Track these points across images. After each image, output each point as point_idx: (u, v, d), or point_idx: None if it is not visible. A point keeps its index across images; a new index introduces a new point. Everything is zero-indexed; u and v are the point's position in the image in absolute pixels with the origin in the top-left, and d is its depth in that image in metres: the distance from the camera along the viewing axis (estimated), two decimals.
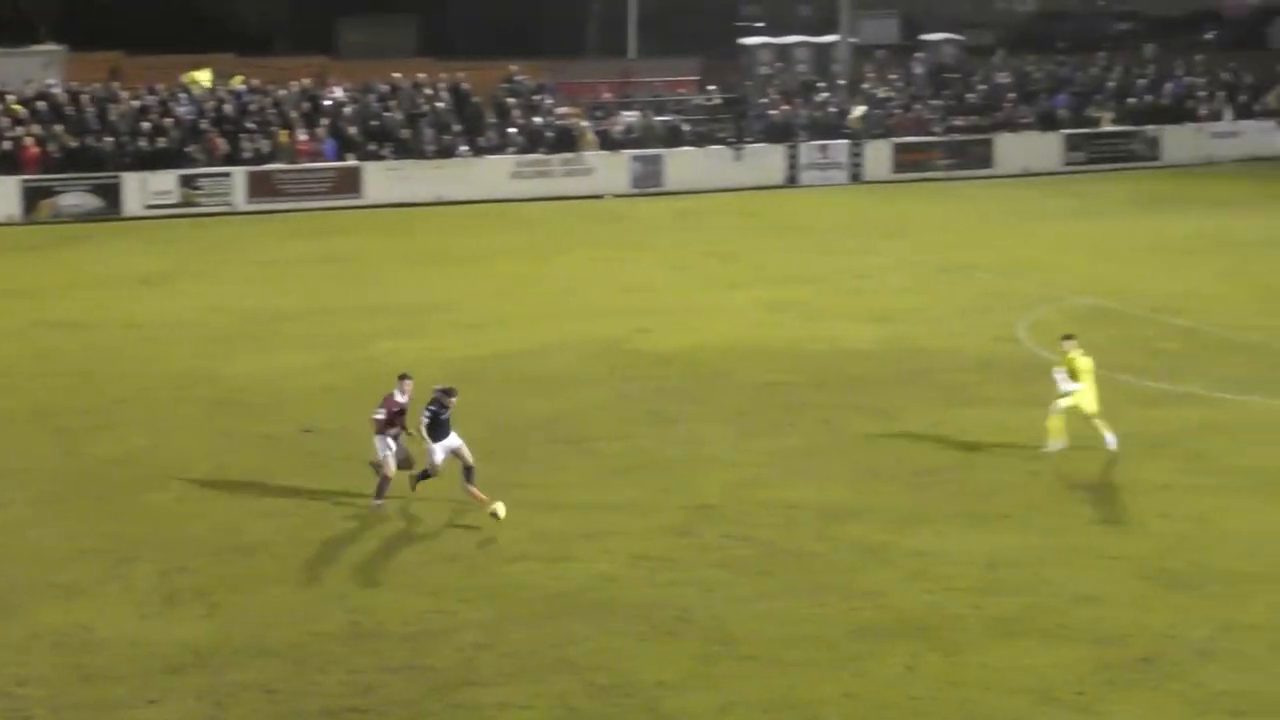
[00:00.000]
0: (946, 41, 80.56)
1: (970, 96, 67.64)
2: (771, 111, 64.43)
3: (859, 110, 64.73)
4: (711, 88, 65.68)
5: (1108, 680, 19.62)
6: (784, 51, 73.75)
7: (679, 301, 41.75)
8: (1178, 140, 67.00)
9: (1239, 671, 19.79)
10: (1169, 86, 69.26)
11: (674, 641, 20.98)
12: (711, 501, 25.76)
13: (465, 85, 62.42)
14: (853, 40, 72.88)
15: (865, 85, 67.57)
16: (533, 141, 60.87)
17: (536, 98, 63.04)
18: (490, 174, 59.67)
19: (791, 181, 62.59)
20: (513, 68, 64.17)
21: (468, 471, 25.54)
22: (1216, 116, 68.09)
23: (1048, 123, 66.37)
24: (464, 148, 60.05)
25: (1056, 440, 28.08)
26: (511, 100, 62.33)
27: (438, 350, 36.50)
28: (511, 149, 60.53)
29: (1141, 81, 69.58)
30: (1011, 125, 66.09)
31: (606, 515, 25.23)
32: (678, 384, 33.47)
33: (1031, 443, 28.13)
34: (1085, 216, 54.78)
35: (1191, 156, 66.62)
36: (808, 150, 63.02)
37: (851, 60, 71.21)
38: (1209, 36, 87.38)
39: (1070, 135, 66.14)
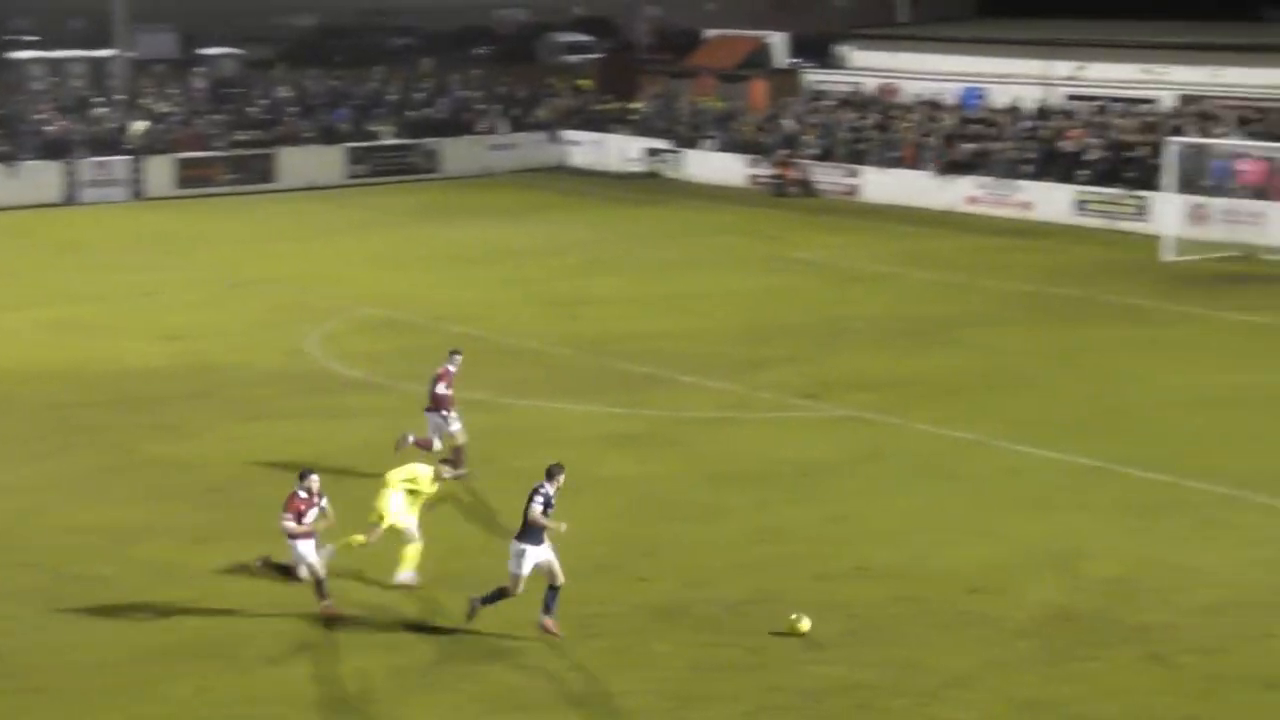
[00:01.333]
0: (226, 56, 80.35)
1: (252, 111, 67.51)
2: (46, 127, 62.55)
3: (139, 125, 63.61)
4: None
5: (400, 685, 20.01)
6: (57, 66, 71.78)
7: None
8: (456, 152, 68.66)
9: (521, 669, 20.48)
10: (446, 100, 71.00)
11: None
12: None
13: None
14: (130, 54, 71.59)
15: (144, 100, 66.49)
16: None
17: None
18: None
19: (70, 199, 60.84)
20: None
21: (551, 594, 21.08)
22: (492, 129, 70.13)
23: (329, 136, 66.92)
24: None
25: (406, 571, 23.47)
26: None
27: None
28: None
29: (420, 95, 71.07)
30: (294, 139, 66.30)
31: None
32: None
33: (324, 456, 27.88)
34: (370, 228, 55.53)
35: (470, 168, 68.36)
36: (86, 167, 61.41)
37: (129, 75, 69.96)
38: (482, 51, 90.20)
39: (352, 148, 66.80)
